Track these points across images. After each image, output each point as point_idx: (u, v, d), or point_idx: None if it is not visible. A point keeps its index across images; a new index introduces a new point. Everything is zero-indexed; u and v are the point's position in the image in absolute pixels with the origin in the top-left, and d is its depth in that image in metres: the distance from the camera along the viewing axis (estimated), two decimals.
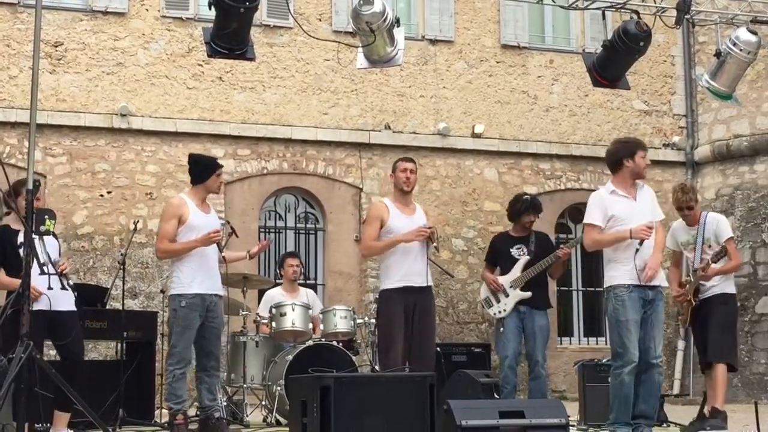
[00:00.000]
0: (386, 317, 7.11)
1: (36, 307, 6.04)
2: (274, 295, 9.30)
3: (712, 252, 7.53)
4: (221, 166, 7.40)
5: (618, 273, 6.60)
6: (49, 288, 6.26)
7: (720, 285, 7.61)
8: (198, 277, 7.04)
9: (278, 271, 9.76)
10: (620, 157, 6.72)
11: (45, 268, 6.25)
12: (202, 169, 7.29)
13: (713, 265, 7.48)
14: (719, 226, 7.65)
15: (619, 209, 6.62)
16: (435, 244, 7.19)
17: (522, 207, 8.24)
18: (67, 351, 6.41)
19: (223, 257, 7.37)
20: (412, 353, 7.03)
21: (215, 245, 7.17)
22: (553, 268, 8.21)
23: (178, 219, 7.05)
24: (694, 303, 7.59)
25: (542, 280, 8.18)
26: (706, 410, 7.48)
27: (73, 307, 6.45)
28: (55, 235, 6.55)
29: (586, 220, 6.78)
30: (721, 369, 7.45)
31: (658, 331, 6.61)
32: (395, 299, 7.03)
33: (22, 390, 5.09)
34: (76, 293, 6.44)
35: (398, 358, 6.90)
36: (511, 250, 8.20)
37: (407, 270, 7.04)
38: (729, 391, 9.05)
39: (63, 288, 6.34)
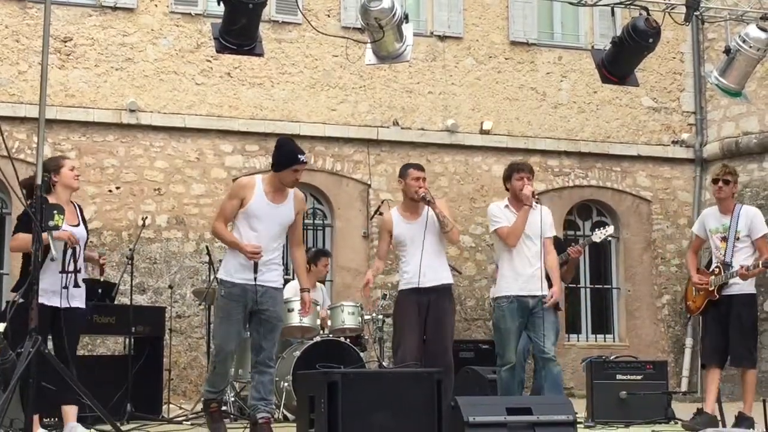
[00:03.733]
0: (398, 315, 7.17)
1: (49, 303, 6.05)
2: (291, 289, 9.21)
3: (741, 244, 7.36)
4: (302, 163, 6.58)
5: (502, 284, 7.10)
6: (65, 287, 6.17)
7: (745, 284, 7.41)
8: (240, 266, 6.52)
9: (309, 265, 9.29)
10: (504, 179, 7.31)
11: (66, 266, 6.20)
12: (279, 158, 6.62)
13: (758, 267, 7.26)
14: (755, 220, 7.44)
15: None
16: (434, 205, 7.11)
17: None
18: (61, 345, 6.18)
19: None
20: (427, 352, 7.04)
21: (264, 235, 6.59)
22: (564, 269, 8.14)
23: (241, 201, 6.56)
24: (717, 297, 7.40)
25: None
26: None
27: (83, 305, 6.41)
28: (85, 225, 6.52)
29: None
30: (751, 374, 7.46)
31: (548, 330, 6.99)
32: (408, 299, 7.09)
33: (31, 384, 5.12)
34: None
35: (407, 356, 6.90)
36: None
37: (413, 272, 7.03)
38: (737, 389, 9.00)
39: (76, 285, 6.28)
